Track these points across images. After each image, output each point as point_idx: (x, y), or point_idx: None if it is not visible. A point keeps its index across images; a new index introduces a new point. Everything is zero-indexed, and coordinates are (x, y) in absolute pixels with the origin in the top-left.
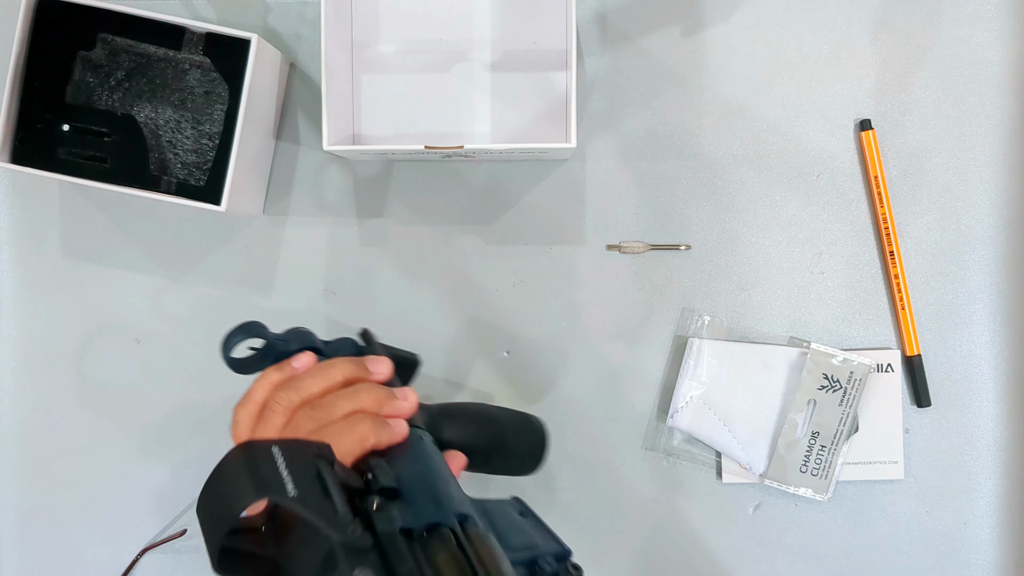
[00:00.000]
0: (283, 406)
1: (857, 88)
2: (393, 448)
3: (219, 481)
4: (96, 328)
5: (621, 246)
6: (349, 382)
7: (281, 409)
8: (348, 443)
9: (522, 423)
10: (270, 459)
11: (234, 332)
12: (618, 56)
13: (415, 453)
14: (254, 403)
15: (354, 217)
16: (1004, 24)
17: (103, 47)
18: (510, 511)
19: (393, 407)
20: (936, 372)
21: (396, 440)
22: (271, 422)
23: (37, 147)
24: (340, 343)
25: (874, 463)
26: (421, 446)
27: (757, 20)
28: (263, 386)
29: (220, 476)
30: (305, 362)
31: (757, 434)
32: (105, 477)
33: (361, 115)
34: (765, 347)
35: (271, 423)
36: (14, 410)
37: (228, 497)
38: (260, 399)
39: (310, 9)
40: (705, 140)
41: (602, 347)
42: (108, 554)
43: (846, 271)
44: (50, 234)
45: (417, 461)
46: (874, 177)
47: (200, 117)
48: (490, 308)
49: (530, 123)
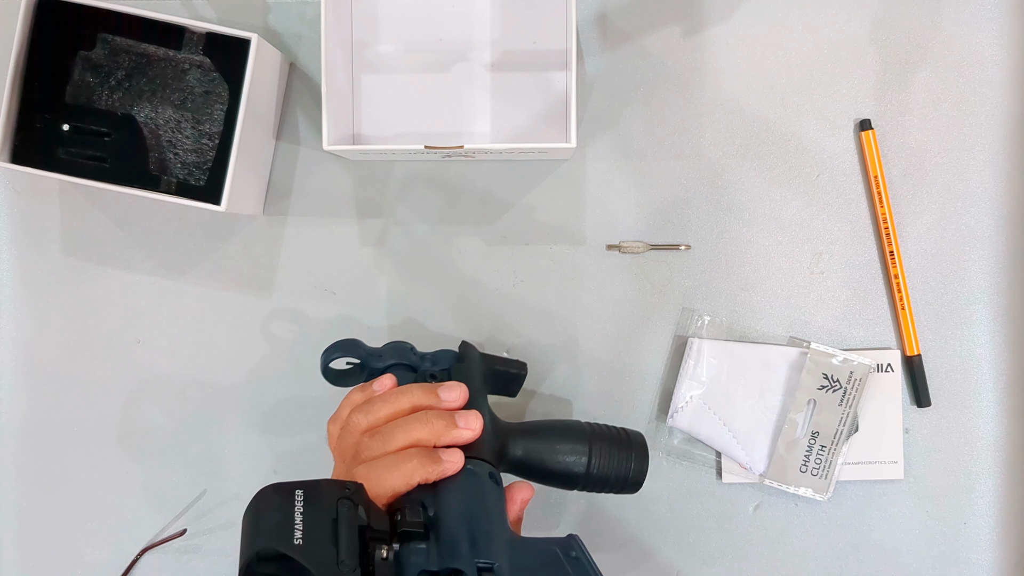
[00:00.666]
0: (354, 430)
1: (857, 88)
2: (443, 481)
3: (244, 522)
4: (96, 328)
5: (621, 246)
6: (416, 409)
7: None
8: (392, 480)
9: (617, 440)
10: (289, 504)
11: (331, 348)
12: (618, 56)
13: (462, 489)
14: (340, 420)
15: (354, 217)
16: (1004, 24)
17: (103, 47)
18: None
19: (451, 437)
20: (936, 372)
21: (446, 475)
22: (344, 441)
23: (37, 147)
24: (438, 355)
25: (874, 463)
26: (471, 481)
27: (757, 20)
28: (346, 405)
29: (245, 517)
30: (383, 386)
31: (757, 434)
32: (105, 477)
33: (361, 115)
34: (765, 347)
35: (344, 442)
36: (14, 410)
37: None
38: (343, 417)
39: (310, 9)
40: (705, 140)
41: (602, 347)
42: (108, 554)
43: (846, 271)
44: (50, 234)
45: (460, 498)
46: (874, 177)
47: (200, 117)
48: (490, 308)
49: (530, 123)
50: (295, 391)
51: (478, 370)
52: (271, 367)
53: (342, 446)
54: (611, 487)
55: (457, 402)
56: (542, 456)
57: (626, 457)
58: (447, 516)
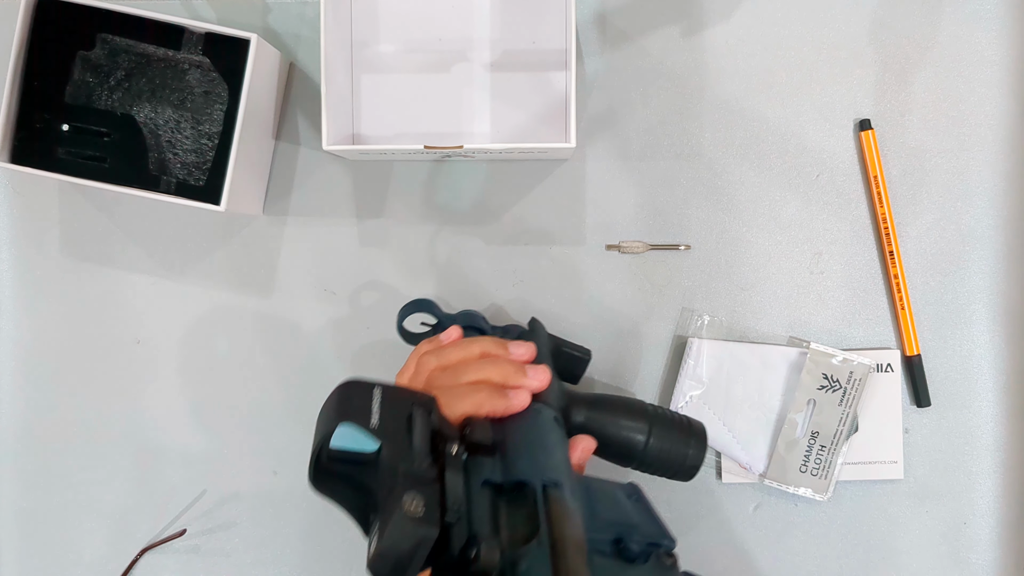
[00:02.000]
0: (424, 368)
1: (857, 88)
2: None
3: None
4: (96, 328)
5: (621, 246)
6: (485, 356)
7: (423, 371)
8: (463, 406)
9: (678, 425)
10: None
11: (408, 307)
12: (617, 56)
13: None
14: (408, 370)
15: (354, 217)
16: (1004, 24)
17: (103, 47)
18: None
19: (520, 381)
20: (936, 372)
21: (512, 410)
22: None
23: (37, 147)
24: (508, 328)
25: (874, 463)
26: (537, 418)
27: (757, 20)
28: (415, 355)
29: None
30: (452, 335)
31: (757, 434)
32: (105, 477)
33: (361, 115)
34: (765, 347)
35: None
36: (14, 410)
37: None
38: (412, 365)
39: (310, 9)
40: (705, 140)
41: (602, 347)
42: (108, 554)
43: (845, 271)
44: (50, 234)
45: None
46: (873, 177)
47: (200, 117)
48: (490, 307)
49: (529, 123)
50: (295, 391)
51: (545, 345)
52: (271, 367)
53: (413, 384)
54: (666, 470)
55: (524, 356)
56: (604, 425)
57: (684, 442)
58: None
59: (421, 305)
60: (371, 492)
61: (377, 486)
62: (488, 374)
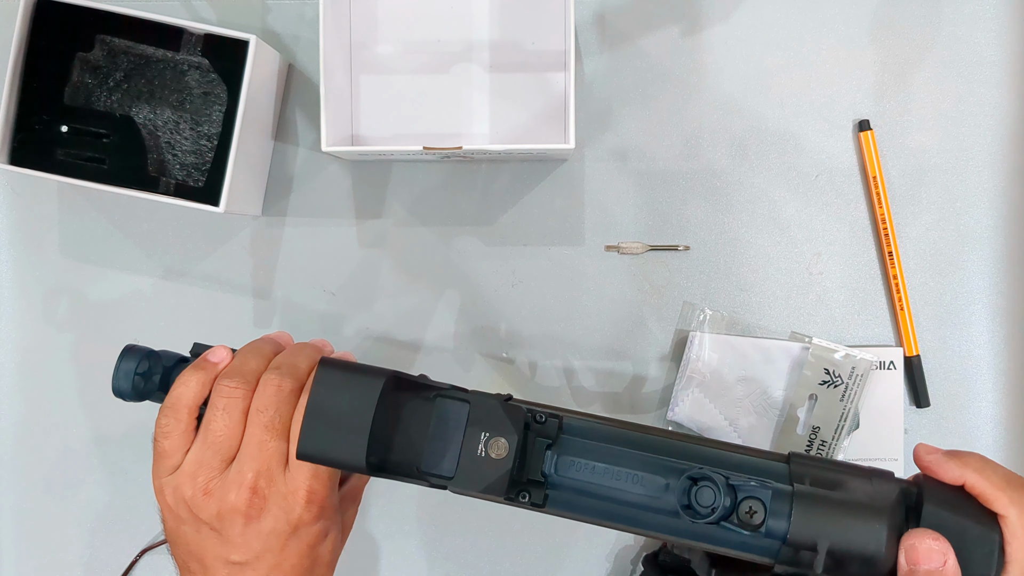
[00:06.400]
0: (248, 381)
1: (856, 88)
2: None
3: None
4: (96, 328)
5: (620, 246)
6: (276, 353)
7: (251, 383)
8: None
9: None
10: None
11: (124, 358)
12: (617, 56)
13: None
14: (185, 406)
15: (353, 217)
16: (1003, 24)
17: (102, 48)
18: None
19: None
20: (935, 373)
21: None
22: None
23: (36, 148)
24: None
25: (874, 460)
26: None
27: (756, 20)
28: (191, 387)
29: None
30: (223, 355)
31: (757, 428)
32: (105, 477)
33: (360, 116)
34: (766, 341)
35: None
36: (14, 410)
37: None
38: (191, 399)
39: (309, 10)
40: (704, 140)
41: (601, 347)
42: (108, 554)
43: (845, 272)
44: (49, 235)
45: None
46: (873, 177)
47: (199, 118)
48: (489, 308)
49: (529, 124)
50: None
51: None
52: None
53: (226, 413)
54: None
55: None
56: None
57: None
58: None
59: (140, 351)
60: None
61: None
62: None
